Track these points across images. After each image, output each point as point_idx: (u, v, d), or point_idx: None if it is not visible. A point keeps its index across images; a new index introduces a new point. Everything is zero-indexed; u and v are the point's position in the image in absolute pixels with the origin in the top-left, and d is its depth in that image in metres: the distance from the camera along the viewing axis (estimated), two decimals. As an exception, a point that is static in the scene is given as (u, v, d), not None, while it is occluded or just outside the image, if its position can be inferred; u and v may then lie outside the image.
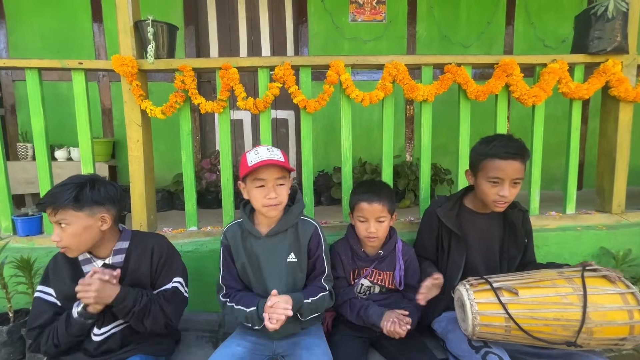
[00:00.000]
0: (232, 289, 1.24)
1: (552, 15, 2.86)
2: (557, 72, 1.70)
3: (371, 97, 1.67)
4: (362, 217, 1.32)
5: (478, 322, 1.07)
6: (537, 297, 1.07)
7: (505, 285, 1.10)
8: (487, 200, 1.29)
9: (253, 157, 1.13)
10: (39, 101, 1.63)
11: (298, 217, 1.25)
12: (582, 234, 1.79)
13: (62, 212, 1.03)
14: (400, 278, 1.38)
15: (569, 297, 1.05)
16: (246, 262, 1.23)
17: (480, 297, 1.09)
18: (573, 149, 1.84)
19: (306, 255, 1.25)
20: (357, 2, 2.81)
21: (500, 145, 1.24)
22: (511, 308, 1.06)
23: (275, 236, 1.22)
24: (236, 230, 1.26)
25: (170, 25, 1.66)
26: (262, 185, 1.14)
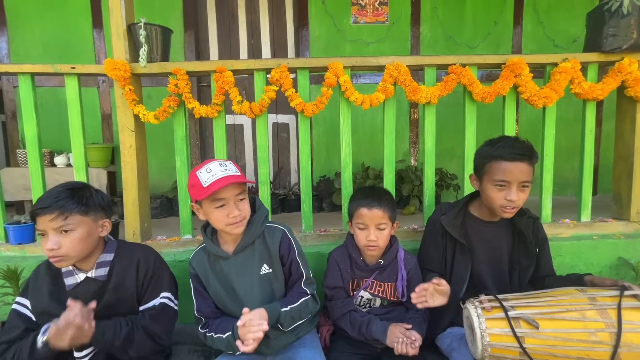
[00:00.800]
0: (209, 318, 1.17)
1: (563, 13, 2.75)
2: (569, 71, 1.61)
3: (371, 100, 1.60)
4: (362, 223, 1.24)
5: (489, 354, 0.97)
6: (560, 332, 0.95)
7: (524, 316, 0.98)
8: (494, 205, 1.20)
9: (206, 176, 1.05)
10: (32, 107, 1.61)
11: (263, 225, 1.18)
12: (599, 243, 1.68)
13: (70, 217, 0.99)
14: (402, 289, 1.29)
15: (598, 334, 0.93)
16: (219, 287, 1.16)
17: (493, 326, 0.98)
18: (587, 152, 1.73)
19: (279, 263, 1.19)
20: (359, 3, 2.75)
21: (506, 146, 1.16)
22: (528, 342, 0.95)
23: (243, 252, 1.15)
24: (201, 256, 1.19)
25: (164, 28, 1.62)
26: (222, 205, 1.07)
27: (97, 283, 1.09)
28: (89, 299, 1.08)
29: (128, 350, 1.05)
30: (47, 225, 0.98)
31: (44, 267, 1.12)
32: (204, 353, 1.44)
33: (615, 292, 1.00)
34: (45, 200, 0.99)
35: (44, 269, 1.12)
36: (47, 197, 1.00)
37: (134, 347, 1.06)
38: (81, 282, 1.08)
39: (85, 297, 1.08)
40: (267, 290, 1.16)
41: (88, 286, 1.09)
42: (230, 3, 2.82)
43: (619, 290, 1.00)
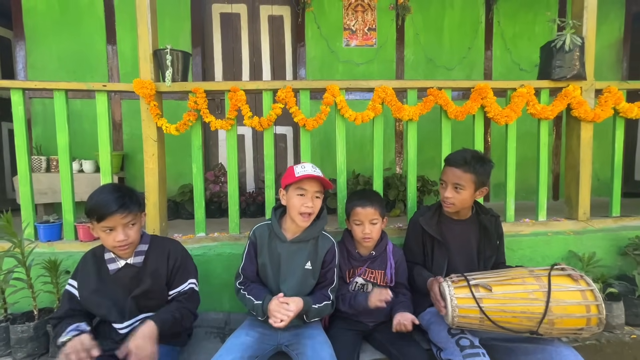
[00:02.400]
0: (248, 279, 1.42)
1: (526, 42, 3.16)
2: (525, 95, 1.94)
3: (363, 117, 1.88)
4: (358, 220, 1.51)
5: (457, 314, 1.24)
6: (507, 293, 1.25)
7: (482, 283, 1.27)
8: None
9: (300, 170, 1.34)
10: (64, 119, 1.81)
11: (320, 231, 1.43)
12: (552, 239, 1.99)
13: (134, 214, 1.24)
14: (391, 275, 1.55)
15: (535, 293, 1.23)
16: (267, 261, 1.40)
17: (459, 292, 1.27)
18: (542, 162, 2.06)
19: (320, 265, 1.42)
20: (350, 28, 3.07)
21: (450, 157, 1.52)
22: (485, 302, 1.23)
23: (297, 243, 1.40)
24: (264, 230, 1.43)
25: (185, 53, 1.87)
26: (302, 194, 1.33)
27: (134, 268, 1.30)
28: (127, 281, 1.31)
29: (184, 325, 1.32)
30: (119, 221, 1.20)
31: (90, 255, 1.34)
32: (219, 334, 1.67)
33: (548, 267, 1.32)
34: (113, 203, 1.19)
35: (91, 256, 1.33)
36: (113, 199, 1.19)
37: (186, 321, 1.32)
38: (122, 268, 1.30)
39: (125, 279, 1.30)
40: (302, 281, 1.39)
41: (127, 271, 1.30)
42: (233, 25, 3.10)
43: (551, 266, 1.32)
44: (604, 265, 1.91)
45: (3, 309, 1.56)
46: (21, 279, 1.54)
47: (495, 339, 1.39)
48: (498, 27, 3.15)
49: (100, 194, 1.21)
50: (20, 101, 1.78)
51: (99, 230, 1.22)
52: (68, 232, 1.85)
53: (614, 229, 2.05)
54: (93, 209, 1.19)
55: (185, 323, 1.32)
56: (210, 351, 1.40)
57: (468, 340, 1.26)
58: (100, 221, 1.19)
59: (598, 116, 1.99)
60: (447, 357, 1.27)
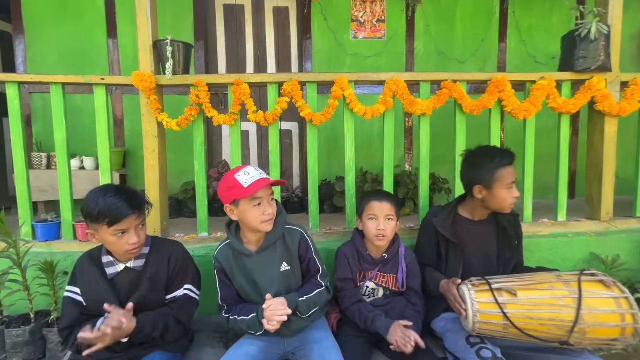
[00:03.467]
0: (231, 305, 1.31)
1: (542, 33, 3.01)
2: (546, 88, 1.83)
3: (373, 111, 1.78)
4: (372, 214, 1.41)
5: (478, 320, 1.16)
6: (534, 299, 1.15)
7: (505, 287, 1.18)
8: (506, 204, 1.39)
9: (245, 178, 1.17)
10: (61, 113, 1.74)
11: (284, 227, 1.30)
12: (573, 240, 1.89)
13: (142, 215, 1.18)
14: (402, 280, 1.46)
15: (564, 299, 1.13)
16: (242, 280, 1.29)
17: (481, 296, 1.18)
18: (562, 160, 1.95)
19: (298, 261, 1.32)
20: (358, 20, 2.96)
21: (505, 155, 1.38)
22: (509, 308, 1.15)
23: (265, 251, 1.28)
24: (227, 251, 1.30)
25: (186, 44, 1.78)
26: (258, 204, 1.19)
27: (134, 272, 1.23)
28: (126, 286, 1.23)
29: (164, 336, 1.21)
30: (132, 223, 1.14)
31: (86, 258, 1.26)
32: (221, 339, 1.59)
33: (576, 272, 1.22)
34: (126, 205, 1.12)
35: (87, 260, 1.25)
36: (124, 201, 1.12)
37: (169, 333, 1.22)
38: (120, 272, 1.22)
39: (123, 284, 1.23)
40: (285, 284, 1.30)
41: (126, 275, 1.23)
42: (237, 16, 3.00)
43: (579, 270, 1.22)
44: (628, 268, 1.81)
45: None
46: (17, 280, 1.48)
47: (517, 347, 1.30)
48: (513, 18, 3.01)
49: (107, 197, 1.12)
50: (15, 95, 1.71)
51: (107, 234, 1.13)
52: (66, 232, 1.78)
53: (639, 230, 1.94)
54: (104, 213, 1.10)
55: (169, 335, 1.23)
56: (213, 358, 1.34)
57: (490, 352, 1.17)
58: (112, 225, 1.11)
59: (624, 110, 1.87)
60: (468, 369, 1.19)
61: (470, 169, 1.43)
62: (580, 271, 1.22)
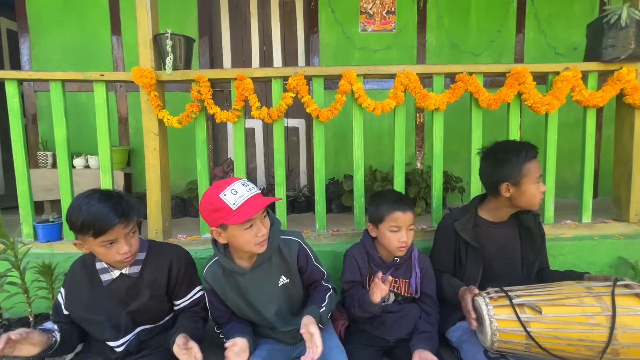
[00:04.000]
0: (222, 323, 1.23)
1: (563, 22, 2.85)
2: (571, 80, 1.69)
3: (383, 106, 1.68)
4: (396, 226, 1.28)
5: (497, 339, 1.05)
6: (561, 316, 1.04)
7: (528, 302, 1.07)
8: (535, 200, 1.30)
9: (233, 198, 1.00)
10: (62, 111, 1.70)
11: (279, 239, 1.17)
12: (599, 244, 1.75)
13: (132, 222, 1.09)
14: (416, 286, 1.36)
15: (596, 317, 1.02)
16: (237, 299, 1.17)
17: (500, 312, 1.07)
18: (588, 156, 1.82)
19: (297, 273, 1.21)
20: (367, 12, 2.85)
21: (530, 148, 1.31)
22: (533, 326, 1.04)
23: (260, 267, 1.16)
24: (216, 270, 1.17)
25: (187, 38, 1.71)
26: (251, 225, 1.03)
27: (130, 279, 1.17)
28: (123, 293, 1.17)
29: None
30: (120, 233, 1.05)
31: (79, 264, 1.20)
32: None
33: (609, 282, 1.10)
34: (112, 213, 1.03)
35: (80, 266, 1.20)
36: (110, 209, 1.03)
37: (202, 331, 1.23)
38: (116, 279, 1.16)
39: (120, 291, 1.17)
40: (285, 298, 1.21)
41: (122, 282, 1.16)
42: (243, 11, 2.92)
43: (612, 281, 1.10)
44: (661, 274, 1.67)
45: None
46: (15, 283, 1.43)
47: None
48: (532, 7, 2.85)
49: (91, 205, 1.03)
50: (15, 93, 1.67)
51: (95, 246, 1.06)
52: (68, 232, 1.74)
53: (672, 233, 1.80)
54: (88, 224, 1.01)
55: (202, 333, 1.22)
56: (216, 365, 1.28)
57: (511, 368, 1.07)
58: (98, 236, 1.03)
59: (656, 103, 1.72)
60: (486, 385, 1.09)
61: (495, 166, 1.32)
62: (613, 282, 1.09)
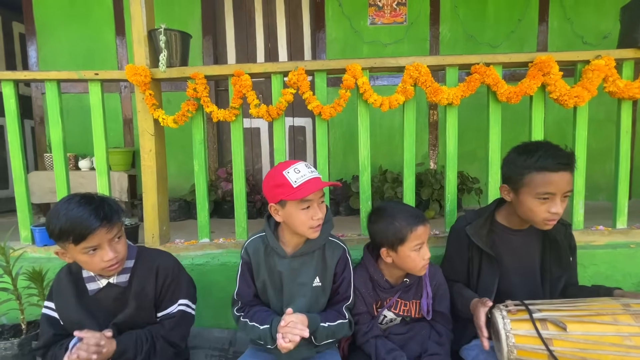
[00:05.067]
0: (246, 304, 1.17)
1: (592, 8, 2.62)
2: (603, 69, 1.51)
3: (390, 102, 1.55)
4: (419, 243, 1.14)
5: (515, 357, 0.94)
6: (590, 335, 0.91)
7: (551, 317, 0.94)
8: (536, 219, 1.10)
9: (296, 176, 1.03)
10: (57, 112, 1.66)
11: (327, 237, 1.16)
12: (637, 252, 1.57)
13: (118, 225, 1.03)
14: (427, 306, 1.22)
15: (633, 338, 0.89)
16: (267, 281, 1.15)
17: (518, 327, 0.95)
18: (623, 154, 1.62)
19: (332, 278, 1.16)
20: (377, 4, 2.72)
21: (549, 156, 1.06)
22: (556, 345, 0.92)
23: (301, 257, 1.14)
24: (259, 245, 1.17)
25: (183, 33, 1.63)
26: (308, 207, 1.05)
27: (118, 289, 1.10)
28: (110, 304, 1.10)
29: (151, 358, 1.07)
30: (104, 238, 0.98)
31: (65, 272, 1.13)
32: (221, 357, 1.44)
33: None
34: (93, 217, 0.96)
35: (65, 274, 1.13)
36: (90, 213, 0.96)
37: (157, 357, 1.08)
38: (103, 288, 1.09)
39: (107, 302, 1.10)
40: (312, 301, 1.14)
41: (109, 291, 1.10)
42: (247, 7, 2.86)
43: None
44: None
45: (-12, 321, 1.44)
46: (7, 289, 1.39)
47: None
48: (556, -7, 2.65)
49: (70, 210, 0.97)
50: (11, 94, 1.65)
51: (77, 253, 0.99)
52: (64, 236, 1.70)
53: None
54: (66, 230, 0.95)
55: (157, 357, 1.07)
56: (209, 382, 1.19)
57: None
58: (79, 242, 0.96)
59: None
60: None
61: (503, 164, 1.20)
62: None
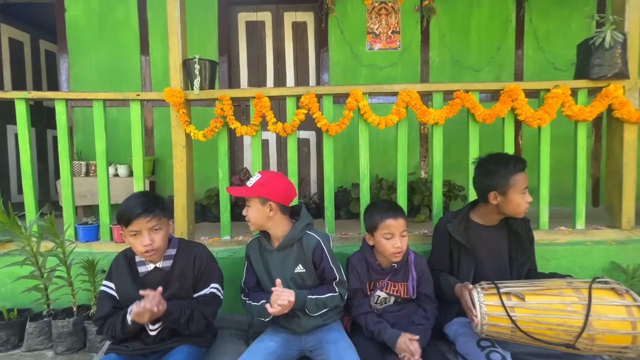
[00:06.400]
0: (250, 290, 1.44)
1: (561, 39, 2.99)
2: (560, 97, 1.84)
3: (387, 121, 1.86)
4: (389, 233, 1.41)
5: (486, 322, 1.19)
6: (542, 304, 1.18)
7: (514, 291, 1.21)
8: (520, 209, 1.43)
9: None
10: (102, 126, 1.93)
11: (302, 231, 1.39)
12: (592, 249, 1.86)
13: (158, 218, 1.27)
14: (413, 288, 1.49)
15: (573, 305, 1.15)
16: (262, 271, 1.43)
17: (489, 300, 1.21)
18: (580, 167, 1.94)
19: (312, 266, 1.39)
20: (374, 32, 3.06)
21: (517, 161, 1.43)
22: (517, 312, 1.17)
23: (283, 250, 1.40)
24: (255, 243, 1.47)
25: (212, 62, 1.93)
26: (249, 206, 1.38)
27: (163, 272, 1.35)
28: (156, 284, 1.33)
29: (189, 325, 1.31)
30: (144, 225, 1.24)
31: (121, 257, 1.39)
32: (242, 336, 1.68)
33: (589, 279, 1.24)
34: (138, 207, 1.24)
35: (122, 259, 1.38)
36: (138, 204, 1.24)
37: (193, 324, 1.32)
38: (151, 271, 1.34)
39: (153, 283, 1.33)
40: (300, 284, 1.39)
41: (156, 274, 1.34)
42: (258, 32, 3.18)
43: (592, 278, 1.24)
44: (652, 278, 1.77)
45: (46, 304, 1.68)
46: (62, 277, 1.64)
47: (530, 354, 1.32)
48: (530, 25, 3.01)
49: (127, 201, 1.27)
50: (63, 110, 1.92)
51: (128, 235, 1.27)
52: (104, 233, 1.96)
53: (664, 239, 1.89)
54: (121, 215, 1.24)
55: (193, 326, 1.31)
56: (234, 353, 1.42)
57: (499, 355, 1.20)
58: (127, 225, 1.24)
59: (644, 117, 1.84)
60: (476, 371, 1.22)
61: (485, 176, 1.47)
62: (592, 279, 1.23)
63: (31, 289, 1.60)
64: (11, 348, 1.61)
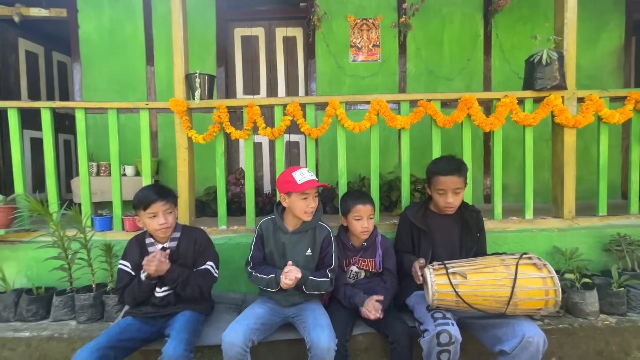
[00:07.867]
0: (257, 264, 1.71)
1: (524, 52, 3.25)
2: (508, 105, 2.16)
3: (360, 127, 2.17)
4: (359, 216, 1.74)
5: (436, 298, 1.48)
6: (480, 280, 1.47)
7: (459, 271, 1.50)
8: (439, 205, 1.74)
9: (300, 177, 1.58)
10: (116, 131, 2.23)
11: (317, 222, 1.68)
12: (537, 235, 2.17)
13: (170, 203, 1.60)
14: (379, 262, 1.81)
15: (503, 280, 1.45)
16: (274, 249, 1.67)
17: (439, 279, 1.50)
18: (528, 166, 2.25)
19: (319, 251, 1.67)
20: (356, 45, 3.38)
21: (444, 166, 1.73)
22: (460, 288, 1.46)
23: (298, 233, 1.66)
24: (269, 224, 1.71)
25: (210, 76, 2.25)
26: (305, 198, 1.59)
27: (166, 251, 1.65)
28: None
29: (185, 288, 1.59)
30: (160, 208, 1.57)
31: (134, 240, 1.71)
32: (236, 309, 1.98)
33: (517, 255, 1.53)
34: (155, 194, 1.58)
35: (134, 241, 1.70)
36: (155, 191, 1.58)
37: (188, 288, 1.60)
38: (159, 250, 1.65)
39: None
40: (305, 264, 1.65)
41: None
42: (253, 46, 3.50)
43: (520, 254, 1.53)
44: (586, 259, 2.06)
45: (69, 282, 1.97)
46: (83, 259, 1.94)
47: (471, 317, 1.61)
48: (496, 40, 3.34)
49: (144, 190, 1.61)
50: (82, 118, 2.23)
51: (145, 217, 1.58)
52: (117, 224, 2.26)
53: (600, 227, 2.20)
54: (140, 201, 1.57)
55: (188, 289, 1.59)
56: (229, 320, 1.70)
57: (441, 314, 1.50)
58: (146, 209, 1.56)
59: (579, 122, 2.16)
60: (425, 328, 1.50)
61: (427, 174, 1.82)
62: (520, 255, 1.52)
63: (57, 268, 1.89)
64: (40, 319, 1.90)
